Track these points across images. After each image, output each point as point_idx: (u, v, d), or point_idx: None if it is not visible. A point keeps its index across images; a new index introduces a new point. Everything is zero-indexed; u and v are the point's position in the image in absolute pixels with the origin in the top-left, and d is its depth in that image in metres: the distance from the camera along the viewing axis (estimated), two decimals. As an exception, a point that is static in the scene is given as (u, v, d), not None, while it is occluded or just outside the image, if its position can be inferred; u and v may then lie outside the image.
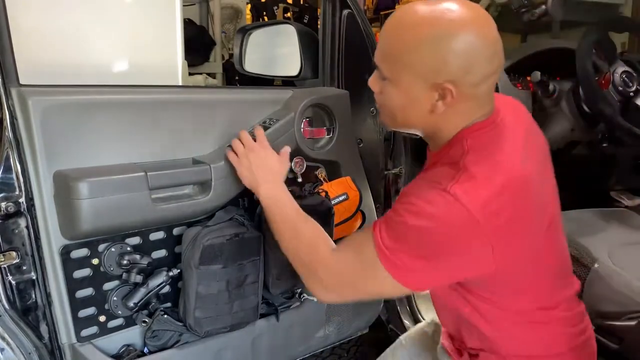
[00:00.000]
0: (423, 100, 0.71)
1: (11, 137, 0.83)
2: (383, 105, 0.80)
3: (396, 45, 0.71)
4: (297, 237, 0.86)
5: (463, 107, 0.72)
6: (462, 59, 0.67)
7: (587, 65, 1.22)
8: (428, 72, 0.69)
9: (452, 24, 0.67)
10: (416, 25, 0.69)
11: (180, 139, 1.01)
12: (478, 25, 0.69)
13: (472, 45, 0.67)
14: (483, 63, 0.68)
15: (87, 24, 1.15)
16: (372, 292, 0.80)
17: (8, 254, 0.85)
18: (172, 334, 1.00)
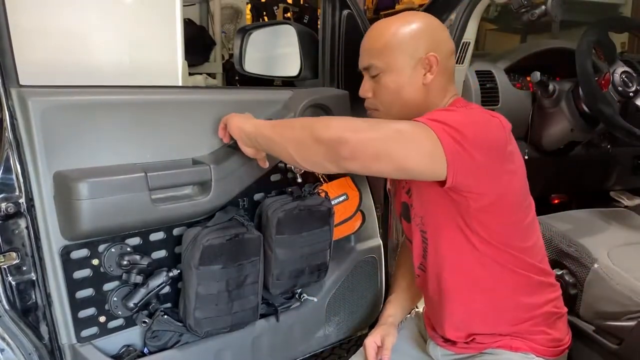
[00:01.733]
0: (415, 76, 0.90)
1: (11, 138, 0.84)
2: (380, 103, 0.94)
3: (382, 40, 0.91)
4: (302, 124, 0.84)
5: (442, 79, 0.91)
6: (432, 36, 0.91)
7: (586, 65, 1.22)
8: (413, 50, 0.89)
9: (415, 16, 0.94)
10: (392, 24, 0.92)
11: (180, 139, 1.01)
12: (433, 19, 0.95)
13: (435, 27, 0.93)
14: (446, 40, 0.94)
15: (87, 25, 1.15)
16: (409, 139, 0.75)
17: (8, 254, 0.85)
18: (172, 334, 1.00)
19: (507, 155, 0.82)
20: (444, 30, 0.94)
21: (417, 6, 3.87)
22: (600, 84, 1.26)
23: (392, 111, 0.92)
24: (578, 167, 1.52)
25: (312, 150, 0.78)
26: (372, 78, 0.93)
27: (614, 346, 1.04)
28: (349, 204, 1.24)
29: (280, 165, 1.13)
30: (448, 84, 0.93)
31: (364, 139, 0.74)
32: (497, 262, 0.88)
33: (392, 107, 0.92)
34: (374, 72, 0.92)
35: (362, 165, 0.75)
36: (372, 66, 0.92)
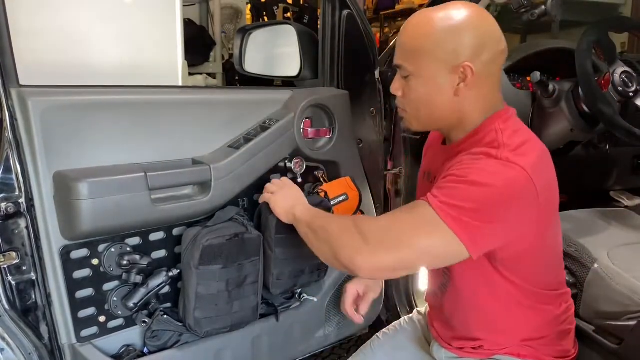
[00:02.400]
0: (447, 86, 0.80)
1: (11, 138, 0.84)
2: (407, 104, 0.86)
3: (416, 40, 0.81)
4: (339, 221, 0.85)
5: (481, 89, 0.81)
6: (475, 40, 0.78)
7: (586, 65, 1.21)
8: (448, 56, 0.78)
9: (459, 15, 0.79)
10: (431, 20, 0.80)
11: (180, 139, 1.01)
12: (483, 16, 0.81)
13: (483, 28, 0.79)
14: (493, 43, 0.80)
15: (87, 25, 1.16)
16: (423, 249, 0.76)
17: (8, 254, 0.85)
18: (172, 334, 1.00)
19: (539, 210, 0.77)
20: (494, 33, 0.80)
21: (417, 6, 3.87)
22: (600, 84, 1.26)
23: (419, 117, 0.86)
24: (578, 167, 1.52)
25: (335, 265, 0.83)
26: (403, 77, 0.85)
27: (614, 346, 1.04)
28: (349, 204, 1.24)
29: (280, 165, 1.13)
30: (490, 94, 0.82)
31: (375, 264, 0.76)
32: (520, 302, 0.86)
33: (419, 112, 0.85)
34: (404, 73, 0.83)
35: (382, 277, 0.77)
36: (403, 67, 0.83)
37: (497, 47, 0.80)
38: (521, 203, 0.75)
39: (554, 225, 0.86)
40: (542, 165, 0.79)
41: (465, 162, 0.78)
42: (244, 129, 1.08)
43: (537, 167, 0.76)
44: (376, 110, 1.32)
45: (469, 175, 0.75)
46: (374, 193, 1.34)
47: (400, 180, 1.43)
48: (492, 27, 0.81)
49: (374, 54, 1.28)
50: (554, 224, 0.86)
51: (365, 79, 1.30)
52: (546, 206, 0.79)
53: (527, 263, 0.83)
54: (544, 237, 0.83)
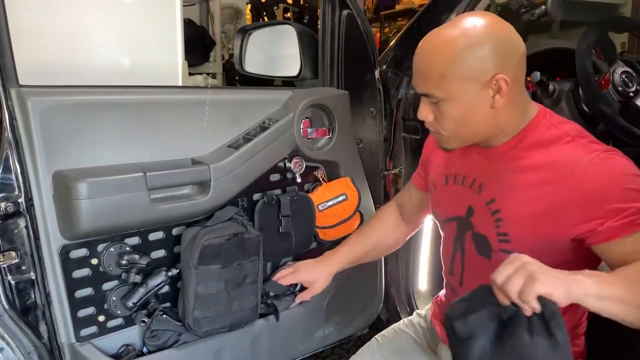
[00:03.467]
0: (482, 101, 0.78)
1: (10, 138, 0.84)
2: (441, 128, 0.82)
3: (439, 65, 0.77)
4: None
5: (516, 95, 0.79)
6: (498, 50, 0.76)
7: (586, 65, 1.21)
8: (476, 75, 0.76)
9: (476, 30, 0.77)
10: (448, 42, 0.77)
11: (179, 139, 1.01)
12: (497, 23, 0.79)
13: (502, 36, 0.77)
14: (514, 51, 0.78)
15: (87, 25, 1.16)
16: None
17: (7, 253, 0.85)
18: (171, 333, 1.00)
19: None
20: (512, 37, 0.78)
21: (417, 6, 3.87)
22: (600, 84, 1.26)
23: (458, 137, 0.83)
24: (578, 167, 1.52)
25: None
26: (431, 103, 0.81)
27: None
28: (348, 205, 1.24)
29: (279, 165, 1.13)
30: (521, 96, 0.81)
31: None
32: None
33: (457, 133, 0.82)
34: (433, 100, 0.80)
35: None
36: (431, 95, 0.79)
37: (519, 50, 0.79)
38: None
39: None
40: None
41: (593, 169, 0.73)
42: (244, 128, 1.08)
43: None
44: (376, 110, 1.32)
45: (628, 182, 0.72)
46: (373, 193, 1.34)
47: (400, 180, 1.43)
48: (510, 33, 0.78)
49: (374, 54, 1.28)
50: None
51: (365, 79, 1.30)
52: None
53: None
54: None
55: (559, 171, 0.76)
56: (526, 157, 0.81)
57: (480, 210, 0.85)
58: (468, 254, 0.89)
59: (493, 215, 0.83)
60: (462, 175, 0.90)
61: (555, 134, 0.80)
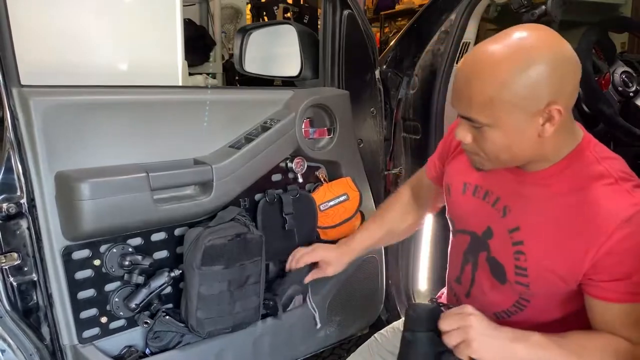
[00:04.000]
0: (530, 131, 0.70)
1: (12, 138, 0.83)
2: (481, 151, 0.75)
3: (486, 89, 0.68)
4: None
5: (567, 120, 0.72)
6: (556, 76, 0.67)
7: (586, 65, 1.21)
8: (528, 103, 0.68)
9: (532, 50, 0.67)
10: (498, 63, 0.68)
11: (181, 139, 1.01)
12: (555, 43, 0.69)
13: (559, 57, 0.68)
14: (572, 74, 0.70)
15: (88, 25, 1.15)
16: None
17: (9, 255, 0.85)
18: (174, 334, 1.00)
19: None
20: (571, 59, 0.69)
21: (417, 6, 3.87)
22: (600, 84, 1.26)
23: (497, 161, 0.75)
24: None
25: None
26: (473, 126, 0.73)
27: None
28: (349, 204, 1.24)
29: (281, 165, 1.13)
30: (570, 122, 0.74)
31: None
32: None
33: (498, 158, 0.74)
34: (477, 124, 0.72)
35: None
36: (474, 120, 0.71)
37: (577, 73, 0.70)
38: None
39: None
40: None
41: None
42: (245, 129, 1.08)
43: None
44: (376, 110, 1.33)
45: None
46: (374, 193, 1.34)
47: (400, 180, 1.43)
48: (569, 52, 0.69)
49: (374, 54, 1.28)
50: None
51: (366, 79, 1.30)
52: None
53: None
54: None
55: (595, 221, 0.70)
56: (563, 190, 0.74)
57: (501, 236, 0.79)
58: (481, 271, 0.85)
59: (514, 246, 0.77)
60: (484, 189, 0.83)
61: (598, 172, 0.72)
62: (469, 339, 0.68)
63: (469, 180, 0.87)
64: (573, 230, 0.71)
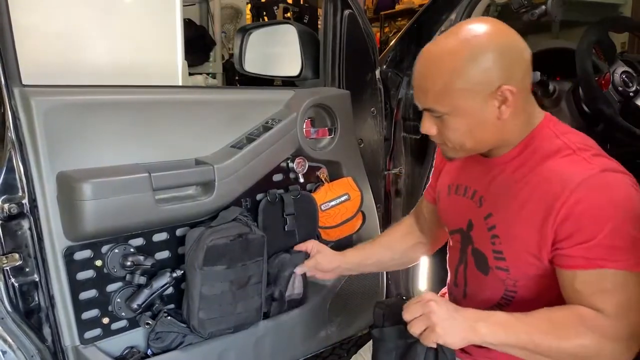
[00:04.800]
0: (488, 113, 0.74)
1: (14, 138, 0.83)
2: (447, 140, 0.79)
3: (439, 79, 0.73)
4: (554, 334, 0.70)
5: (522, 103, 0.75)
6: (503, 60, 0.72)
7: (587, 65, 1.22)
8: (480, 87, 0.72)
9: (479, 39, 0.73)
10: (448, 53, 0.73)
11: (182, 139, 1.01)
12: (500, 29, 0.74)
13: (505, 44, 0.73)
14: (520, 60, 0.74)
15: (89, 25, 1.15)
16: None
17: (11, 255, 0.85)
18: (176, 335, 0.99)
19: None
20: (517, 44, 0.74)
21: (417, 6, 3.87)
22: (600, 84, 1.27)
23: (463, 148, 0.79)
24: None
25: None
26: (434, 116, 0.78)
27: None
28: (350, 204, 1.24)
29: (282, 165, 1.13)
30: (528, 104, 0.77)
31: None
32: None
33: (463, 145, 0.78)
34: (436, 114, 0.77)
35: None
36: (434, 110, 0.76)
37: (525, 57, 0.74)
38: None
39: None
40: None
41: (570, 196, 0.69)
42: (247, 129, 1.08)
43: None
44: (377, 110, 1.33)
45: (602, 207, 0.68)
46: (374, 193, 1.34)
47: (400, 180, 1.43)
48: (515, 39, 0.74)
49: (374, 54, 1.28)
50: None
51: (366, 79, 1.30)
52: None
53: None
54: None
55: (551, 189, 0.71)
56: (524, 170, 0.77)
57: (479, 225, 0.82)
58: (470, 268, 0.87)
59: (489, 232, 0.80)
60: (464, 186, 0.88)
61: (556, 146, 0.75)
62: (432, 325, 0.68)
63: (452, 182, 0.91)
64: (534, 204, 0.73)
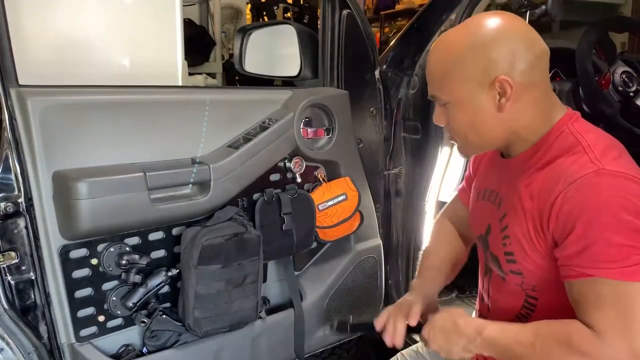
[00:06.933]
0: (487, 104, 0.73)
1: (10, 138, 0.84)
2: (454, 133, 0.79)
3: (441, 66, 0.75)
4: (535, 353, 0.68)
5: (528, 97, 0.73)
6: (503, 52, 0.71)
7: (587, 65, 1.21)
8: (479, 75, 0.72)
9: (484, 28, 0.73)
10: (453, 42, 0.75)
11: (179, 139, 1.01)
12: (507, 22, 0.74)
13: (508, 38, 0.72)
14: (525, 52, 0.72)
15: (87, 25, 1.15)
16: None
17: (7, 254, 0.85)
18: (171, 334, 1.00)
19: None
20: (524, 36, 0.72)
21: (417, 6, 3.86)
22: (600, 84, 1.26)
23: (470, 142, 0.79)
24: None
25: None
26: (441, 106, 0.78)
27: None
28: (348, 204, 1.24)
29: (279, 164, 1.13)
30: (541, 100, 0.74)
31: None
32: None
33: (467, 138, 0.78)
34: (440, 102, 0.77)
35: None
36: (436, 97, 0.77)
37: (532, 51, 0.72)
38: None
39: None
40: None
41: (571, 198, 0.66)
42: (244, 128, 1.08)
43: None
44: (376, 110, 1.32)
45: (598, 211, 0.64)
46: (373, 193, 1.34)
47: (400, 180, 1.43)
48: (523, 33, 0.73)
49: (374, 54, 1.28)
50: None
51: (365, 79, 1.30)
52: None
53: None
54: None
55: (549, 188, 0.69)
56: (536, 167, 0.74)
57: (495, 227, 0.81)
58: (493, 276, 0.85)
59: (502, 232, 0.78)
60: (489, 190, 0.85)
61: (569, 143, 0.72)
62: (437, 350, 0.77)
63: (480, 187, 0.89)
64: (536, 204, 0.72)
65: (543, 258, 0.73)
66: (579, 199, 0.66)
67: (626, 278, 0.64)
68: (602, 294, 0.65)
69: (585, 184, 0.67)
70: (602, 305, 0.65)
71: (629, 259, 0.64)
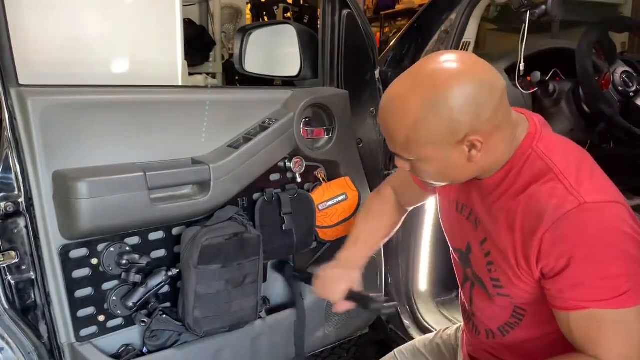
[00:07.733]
0: (457, 158, 0.70)
1: (10, 137, 0.84)
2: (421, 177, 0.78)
3: (402, 131, 0.69)
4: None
5: (496, 138, 0.69)
6: (465, 107, 0.65)
7: (587, 65, 1.21)
8: (445, 136, 0.67)
9: (438, 80, 0.66)
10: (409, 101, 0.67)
11: (179, 139, 1.01)
12: (461, 68, 0.67)
13: (467, 89, 0.66)
14: (487, 99, 0.67)
15: (87, 24, 1.15)
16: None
17: (7, 253, 0.85)
18: (171, 333, 1.00)
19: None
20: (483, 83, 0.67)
21: (417, 6, 3.87)
22: (600, 84, 1.26)
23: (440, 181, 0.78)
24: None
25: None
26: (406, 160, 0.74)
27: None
28: (348, 204, 1.24)
29: (279, 164, 1.13)
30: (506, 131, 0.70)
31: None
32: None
33: (439, 182, 0.78)
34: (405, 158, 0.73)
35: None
36: (402, 156, 0.73)
37: (494, 95, 0.67)
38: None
39: None
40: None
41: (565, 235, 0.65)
42: (244, 128, 1.08)
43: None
44: (376, 110, 1.32)
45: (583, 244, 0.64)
46: (373, 193, 1.34)
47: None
48: (480, 75, 0.67)
49: (374, 54, 1.28)
50: None
51: (365, 79, 1.30)
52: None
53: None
54: None
55: (530, 223, 0.68)
56: (509, 195, 0.73)
57: (476, 249, 0.80)
58: (475, 287, 0.84)
59: (486, 258, 0.77)
60: (462, 204, 0.84)
61: (539, 169, 0.70)
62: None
63: (452, 197, 0.87)
64: (518, 235, 0.70)
65: (531, 284, 0.72)
66: (569, 239, 0.65)
67: (622, 306, 0.65)
68: (602, 325, 0.66)
69: (570, 221, 0.65)
70: (605, 335, 0.66)
71: (622, 286, 0.65)
